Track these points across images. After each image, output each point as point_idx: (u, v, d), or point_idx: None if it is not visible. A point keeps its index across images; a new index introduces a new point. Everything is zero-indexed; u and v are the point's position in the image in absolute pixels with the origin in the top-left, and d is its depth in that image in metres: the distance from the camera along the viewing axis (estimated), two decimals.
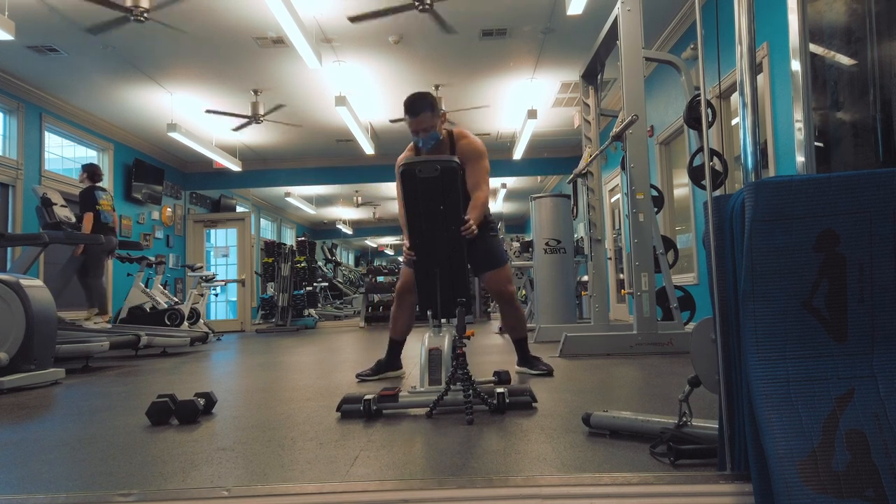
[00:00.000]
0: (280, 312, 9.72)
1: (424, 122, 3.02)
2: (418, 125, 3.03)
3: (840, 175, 1.28)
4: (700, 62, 1.63)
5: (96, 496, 1.45)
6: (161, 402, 2.31)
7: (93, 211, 5.87)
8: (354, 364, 4.19)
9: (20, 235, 5.62)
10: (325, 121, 8.95)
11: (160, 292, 7.48)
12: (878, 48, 1.71)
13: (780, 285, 1.29)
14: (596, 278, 5.29)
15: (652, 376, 3.13)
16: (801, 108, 1.59)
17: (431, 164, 2.47)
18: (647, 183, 4.25)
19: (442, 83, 7.86)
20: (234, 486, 1.44)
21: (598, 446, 1.74)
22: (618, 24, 4.35)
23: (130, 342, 5.16)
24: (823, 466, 1.18)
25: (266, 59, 6.86)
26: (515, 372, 3.32)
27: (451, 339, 2.47)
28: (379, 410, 2.31)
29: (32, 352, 3.49)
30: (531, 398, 2.35)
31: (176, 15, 5.71)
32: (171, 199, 10.77)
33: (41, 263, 6.99)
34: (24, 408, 2.85)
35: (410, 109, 3.04)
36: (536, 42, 6.67)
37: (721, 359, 1.37)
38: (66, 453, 1.90)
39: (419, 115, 3.01)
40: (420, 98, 3.05)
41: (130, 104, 8.16)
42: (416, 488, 1.40)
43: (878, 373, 1.27)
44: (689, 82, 4.46)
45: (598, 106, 5.52)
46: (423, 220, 2.56)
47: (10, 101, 7.13)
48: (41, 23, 5.77)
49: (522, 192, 14.74)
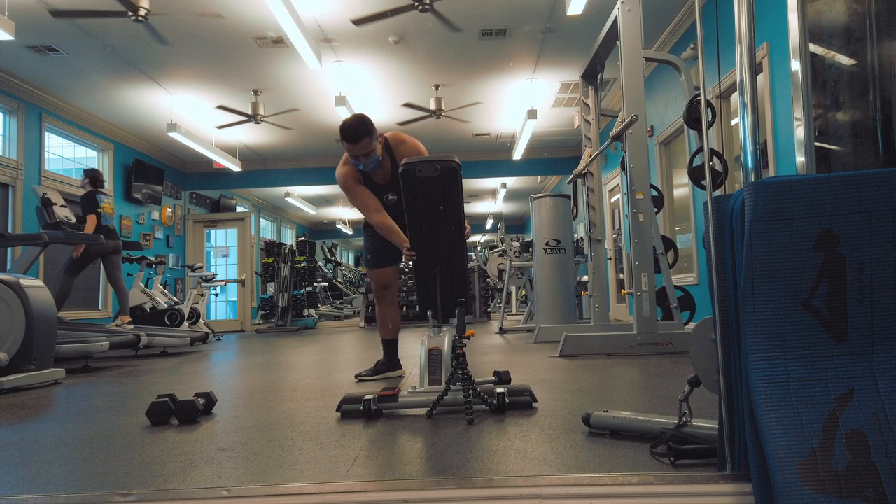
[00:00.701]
0: (280, 312, 9.72)
1: (364, 147, 2.95)
2: (358, 151, 2.95)
3: (840, 175, 1.28)
4: (700, 62, 1.63)
5: (96, 496, 1.45)
6: (161, 402, 2.31)
7: (95, 213, 5.88)
8: (354, 364, 4.19)
9: (20, 235, 5.62)
10: (325, 121, 8.95)
11: (160, 292, 7.49)
12: (878, 48, 1.71)
13: (780, 285, 1.29)
14: (596, 278, 5.29)
15: (652, 376, 3.13)
16: (801, 108, 1.59)
17: (431, 164, 2.47)
18: (647, 183, 4.25)
19: (442, 83, 7.86)
20: (234, 486, 1.44)
21: (598, 446, 1.74)
22: (618, 24, 4.35)
23: (130, 342, 5.16)
24: (823, 466, 1.18)
25: (266, 59, 6.86)
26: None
27: (451, 339, 2.47)
28: (379, 410, 2.31)
29: (32, 352, 3.49)
30: (531, 398, 2.35)
31: (176, 15, 5.71)
32: (171, 199, 10.77)
33: (41, 263, 6.99)
34: (24, 408, 2.85)
35: (350, 137, 2.93)
36: (536, 42, 6.67)
37: (721, 359, 1.37)
38: (66, 453, 1.90)
39: (359, 142, 2.93)
40: (359, 125, 2.94)
41: (130, 104, 8.16)
42: (415, 488, 1.40)
43: (877, 373, 1.27)
44: (689, 82, 4.47)
45: (598, 106, 5.52)
46: (424, 220, 2.56)
47: (10, 101, 7.13)
48: (41, 23, 5.77)
49: (522, 192, 14.74)
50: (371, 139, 2.94)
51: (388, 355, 3.37)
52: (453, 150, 10.45)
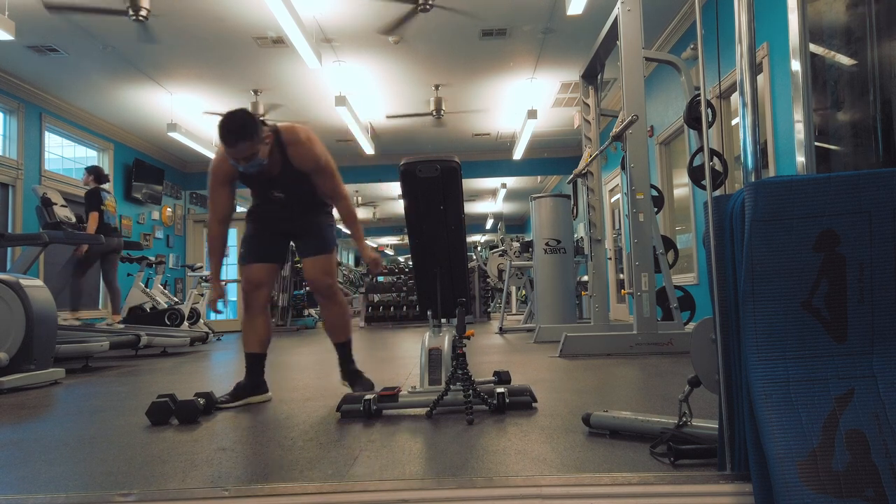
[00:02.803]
0: (280, 312, 9.72)
1: (243, 152, 2.42)
2: (236, 155, 2.44)
3: (840, 175, 1.28)
4: (700, 62, 1.63)
5: (96, 496, 1.45)
6: (161, 402, 2.31)
7: (98, 210, 5.89)
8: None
9: (20, 235, 5.62)
10: (325, 121, 8.94)
11: (160, 292, 7.48)
12: (878, 48, 1.71)
13: (780, 285, 1.29)
14: (596, 278, 5.29)
15: (652, 376, 3.13)
16: (801, 108, 1.59)
17: (431, 164, 2.47)
18: (647, 183, 4.25)
19: (442, 83, 7.86)
20: (234, 486, 1.44)
21: (598, 446, 1.74)
22: (618, 24, 4.35)
23: (130, 342, 5.15)
24: (823, 466, 1.18)
25: (266, 59, 6.86)
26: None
27: (451, 339, 2.47)
28: (379, 410, 2.31)
29: (32, 352, 3.49)
30: (531, 398, 2.35)
31: (176, 15, 5.71)
32: (171, 199, 10.77)
33: (41, 263, 6.98)
34: (24, 408, 2.85)
35: (226, 139, 2.41)
36: (536, 42, 6.67)
37: (721, 359, 1.37)
38: (66, 453, 1.90)
39: (236, 146, 2.41)
40: (238, 127, 2.39)
41: (130, 104, 8.16)
42: (415, 488, 1.40)
43: (877, 373, 1.27)
44: (689, 82, 4.46)
45: (598, 106, 5.52)
46: (424, 220, 2.56)
47: (10, 101, 7.13)
48: (41, 23, 5.76)
49: (522, 192, 14.73)
50: (253, 142, 2.41)
51: (252, 374, 2.70)
52: (453, 150, 10.45)
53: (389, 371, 3.68)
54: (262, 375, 2.73)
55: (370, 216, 18.39)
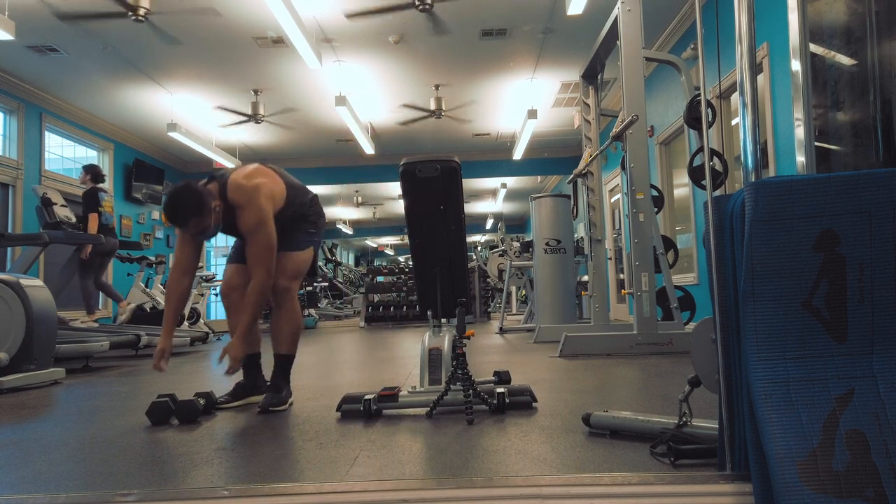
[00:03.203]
0: None
1: (196, 227, 2.40)
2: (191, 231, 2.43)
3: (840, 175, 1.28)
4: (700, 62, 1.63)
5: (96, 496, 1.45)
6: (161, 402, 2.31)
7: (96, 211, 5.90)
8: (355, 364, 4.19)
9: (20, 235, 5.62)
10: (325, 121, 8.95)
11: (160, 292, 7.48)
12: (878, 48, 1.71)
13: (780, 285, 1.29)
14: (596, 278, 5.29)
15: (652, 376, 3.13)
16: (801, 108, 1.59)
17: (431, 164, 2.47)
18: (647, 183, 4.25)
19: (442, 83, 7.86)
20: (234, 486, 1.44)
21: (598, 446, 1.74)
22: (618, 24, 4.35)
23: (130, 342, 5.15)
24: (823, 466, 1.18)
25: (266, 59, 6.86)
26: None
27: (451, 338, 2.47)
28: (379, 410, 2.31)
29: (32, 352, 3.49)
30: (531, 398, 2.35)
31: (176, 15, 5.71)
32: None
33: (41, 263, 6.99)
34: (24, 408, 2.85)
35: (174, 220, 2.38)
36: (536, 42, 6.67)
37: (721, 359, 1.37)
38: (66, 453, 1.90)
39: (187, 224, 2.38)
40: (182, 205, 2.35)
41: (130, 104, 8.16)
42: (415, 488, 1.40)
43: (877, 373, 1.27)
44: (689, 82, 4.47)
45: (598, 106, 5.52)
46: (424, 220, 2.56)
47: (10, 101, 7.13)
48: (41, 23, 5.77)
49: (522, 192, 14.74)
50: (202, 217, 2.37)
51: (249, 374, 2.68)
52: (453, 150, 10.46)
53: (389, 371, 3.68)
54: (260, 375, 2.72)
55: (370, 216, 18.40)
